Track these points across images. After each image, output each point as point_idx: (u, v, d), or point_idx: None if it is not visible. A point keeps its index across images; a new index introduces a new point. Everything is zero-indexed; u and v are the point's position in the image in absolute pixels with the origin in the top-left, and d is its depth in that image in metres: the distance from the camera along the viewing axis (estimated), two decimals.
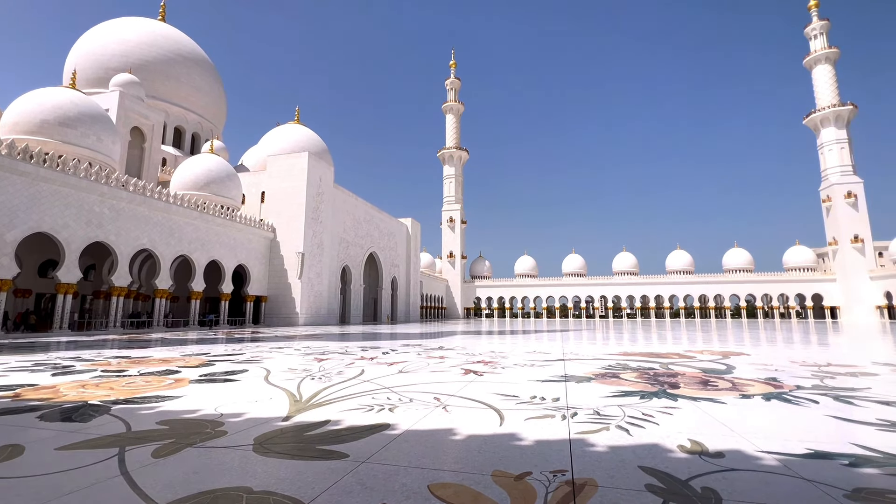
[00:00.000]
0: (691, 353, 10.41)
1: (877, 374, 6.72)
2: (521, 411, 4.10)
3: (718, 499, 2.15)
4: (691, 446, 3.01)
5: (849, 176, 67.47)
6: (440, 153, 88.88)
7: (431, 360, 8.72)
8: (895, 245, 68.11)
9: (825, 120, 69.63)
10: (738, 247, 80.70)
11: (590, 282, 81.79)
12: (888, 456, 2.82)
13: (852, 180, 67.20)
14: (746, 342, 14.38)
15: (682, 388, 5.34)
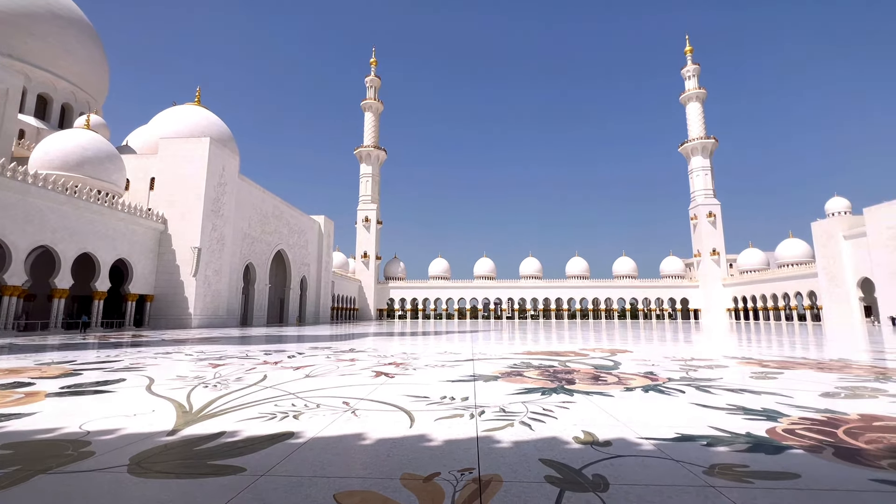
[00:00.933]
0: (585, 351, 11.39)
1: (727, 366, 7.95)
2: (431, 412, 4.13)
3: (606, 484, 2.36)
4: (584, 437, 3.27)
5: (710, 198, 79.55)
6: (357, 151, 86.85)
7: (342, 363, 8.44)
8: (742, 258, 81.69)
9: (694, 149, 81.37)
10: (625, 256, 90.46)
11: (499, 285, 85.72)
12: (734, 435, 3.34)
13: (713, 202, 79.35)
14: (630, 341, 16.13)
15: (578, 384, 5.81)
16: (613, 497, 2.20)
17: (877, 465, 2.68)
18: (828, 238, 57.34)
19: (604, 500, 2.15)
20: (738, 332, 24.26)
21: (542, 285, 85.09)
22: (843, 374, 6.92)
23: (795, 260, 70.02)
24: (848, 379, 6.34)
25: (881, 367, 7.99)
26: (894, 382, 6.03)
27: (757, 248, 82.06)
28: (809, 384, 5.82)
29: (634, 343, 14.65)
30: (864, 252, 52.32)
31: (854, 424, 3.67)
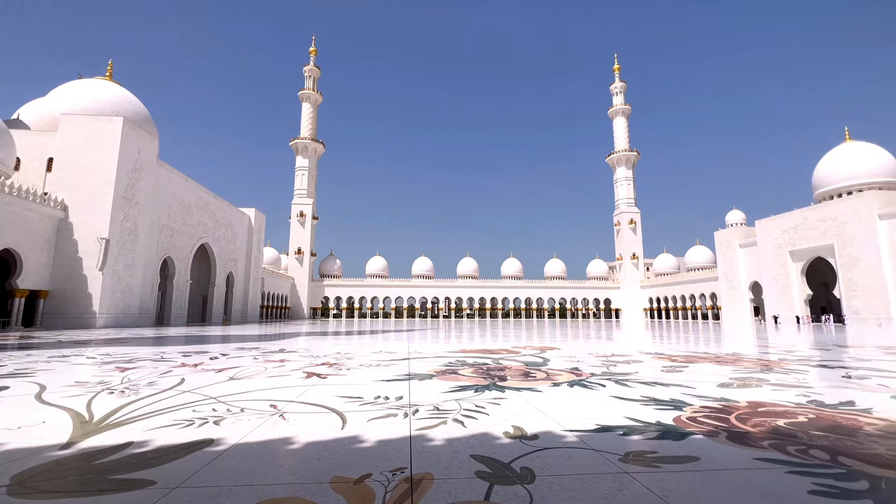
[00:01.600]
0: (518, 349, 11.81)
1: (642, 361, 8.65)
2: (364, 412, 4.06)
3: (533, 476, 2.46)
4: (514, 432, 3.39)
5: (632, 207, 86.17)
6: (293, 143, 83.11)
7: (270, 364, 8.02)
8: (657, 262, 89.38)
9: (619, 160, 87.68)
10: (556, 258, 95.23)
11: (437, 284, 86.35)
12: (647, 424, 3.63)
13: (634, 210, 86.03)
14: (558, 339, 16.99)
15: (509, 381, 6.01)
16: (539, 488, 2.30)
17: (760, 445, 3.06)
18: (727, 246, 64.44)
19: (530, 492, 2.24)
20: (652, 330, 26.46)
21: (479, 285, 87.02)
22: (736, 366, 7.81)
23: (701, 265, 77.92)
24: (740, 370, 7.17)
25: (765, 360, 9.12)
26: (774, 373, 6.91)
27: (670, 254, 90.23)
28: (709, 376, 6.49)
29: (562, 341, 15.45)
30: (755, 259, 59.49)
31: (743, 411, 4.16)
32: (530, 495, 2.20)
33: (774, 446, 3.03)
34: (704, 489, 2.30)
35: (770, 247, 56.30)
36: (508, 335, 19.54)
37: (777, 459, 2.76)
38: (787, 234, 54.27)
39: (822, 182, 54.26)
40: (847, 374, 6.93)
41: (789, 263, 53.89)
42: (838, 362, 8.62)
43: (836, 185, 52.31)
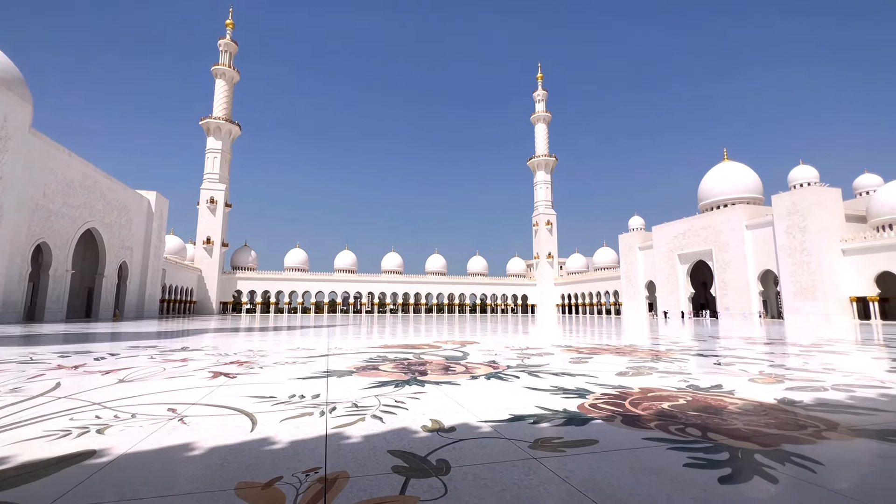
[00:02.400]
0: (439, 343, 11.99)
1: (553, 353, 9.26)
2: (277, 412, 3.85)
3: (448, 467, 2.52)
4: (432, 425, 3.44)
5: (549, 209, 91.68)
6: (205, 122, 75.95)
7: (170, 363, 7.29)
8: (570, 261, 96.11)
9: (539, 165, 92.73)
10: (478, 255, 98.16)
11: (360, 278, 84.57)
12: (554, 412, 3.90)
13: (551, 212, 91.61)
14: (479, 333, 17.56)
15: (430, 375, 6.08)
16: (454, 478, 2.36)
17: (648, 426, 3.43)
18: (628, 249, 71.21)
19: (445, 483, 2.29)
20: (563, 325, 28.41)
21: (403, 280, 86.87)
22: (632, 356, 8.68)
23: (606, 265, 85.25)
24: (635, 360, 7.98)
25: (656, 350, 10.24)
26: (662, 362, 7.79)
27: (581, 254, 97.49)
28: (609, 366, 7.14)
29: (482, 335, 15.99)
30: (651, 260, 66.46)
31: (636, 396, 4.63)
32: (445, 486, 2.25)
33: (659, 427, 3.42)
34: (601, 468, 2.53)
35: (663, 250, 63.30)
36: (431, 330, 19.76)
37: (661, 438, 3.12)
38: (676, 239, 61.38)
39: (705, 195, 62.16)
40: (717, 361, 8.03)
41: (678, 265, 61.04)
42: (711, 351, 9.96)
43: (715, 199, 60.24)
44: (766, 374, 6.36)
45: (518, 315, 72.26)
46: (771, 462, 2.63)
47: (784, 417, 3.74)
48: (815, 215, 44.95)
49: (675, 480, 2.35)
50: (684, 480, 2.35)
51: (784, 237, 47.21)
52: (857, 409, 4.11)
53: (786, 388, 5.13)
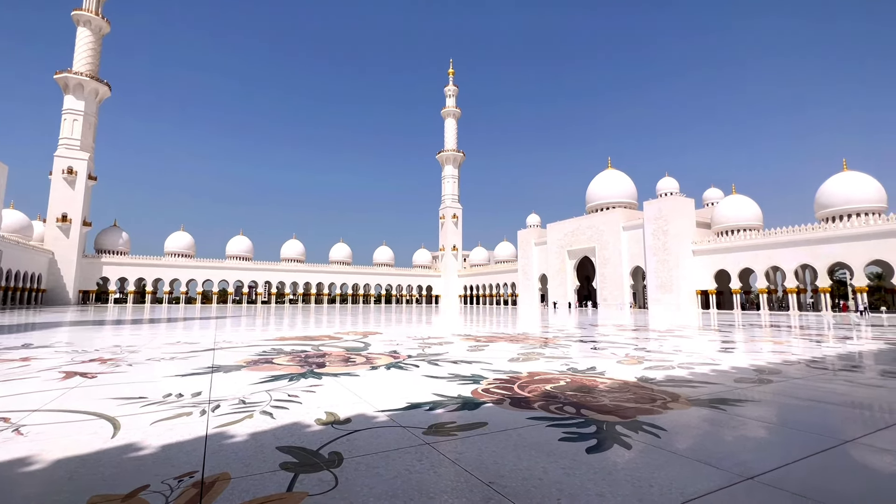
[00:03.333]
0: (340, 334, 11.68)
1: (453, 342, 9.59)
2: (148, 414, 3.43)
3: (341, 459, 2.48)
4: (326, 418, 3.35)
5: (455, 203, 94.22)
6: (62, 76, 63.41)
7: (6, 364, 6.05)
8: (473, 254, 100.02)
9: (447, 159, 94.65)
10: (385, 245, 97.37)
11: (256, 266, 78.50)
12: (450, 398, 4.05)
13: (457, 206, 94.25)
14: (382, 323, 17.46)
15: (328, 367, 5.90)
16: (346, 469, 2.33)
17: (532, 407, 3.74)
18: (525, 244, 76.31)
19: (336, 475, 2.25)
20: (465, 315, 29.54)
21: (305, 269, 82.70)
22: (524, 343, 9.36)
23: (506, 258, 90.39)
24: (526, 347, 8.62)
25: (544, 337, 11.17)
26: (549, 348, 8.54)
27: (483, 248, 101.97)
28: (504, 352, 7.62)
29: (386, 326, 15.94)
30: (545, 255, 72.05)
31: (524, 380, 5.02)
32: (336, 478, 2.21)
33: (542, 407, 3.75)
34: (488, 448, 2.70)
35: (555, 246, 69.07)
36: (333, 321, 19.15)
37: (543, 417, 3.42)
38: (566, 237, 67.40)
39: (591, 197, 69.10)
40: (594, 346, 9.04)
41: (567, 260, 67.12)
42: (590, 338, 11.18)
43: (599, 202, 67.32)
44: (630, 356, 7.33)
45: (423, 305, 73.33)
46: (628, 431, 3.04)
47: (641, 393, 4.35)
48: (675, 221, 52.70)
49: (551, 454, 2.60)
50: (558, 453, 2.62)
51: (651, 238, 54.60)
52: (694, 382, 4.94)
53: (644, 368, 5.97)
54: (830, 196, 46.50)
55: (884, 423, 3.43)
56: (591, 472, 2.33)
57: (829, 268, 42.08)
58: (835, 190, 46.45)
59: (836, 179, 47.03)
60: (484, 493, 2.07)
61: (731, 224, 53.59)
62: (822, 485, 2.20)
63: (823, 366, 6.51)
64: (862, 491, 2.17)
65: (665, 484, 2.18)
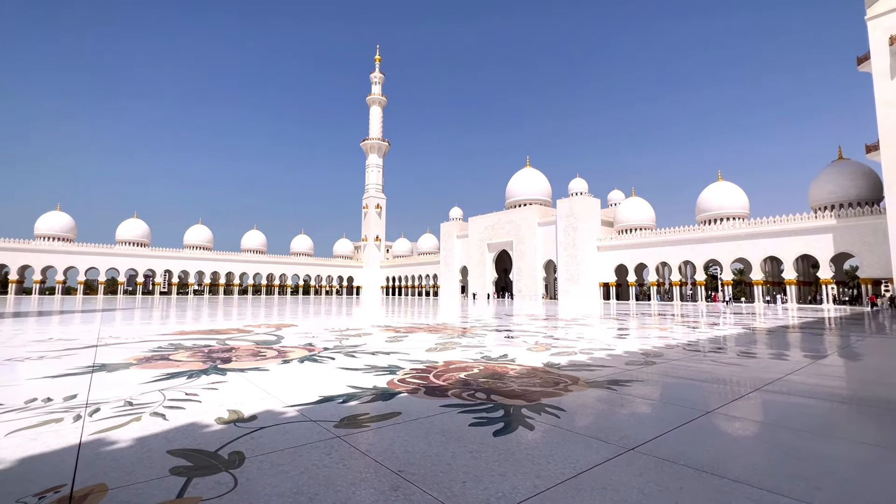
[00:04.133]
0: (251, 327, 10.95)
1: (372, 333, 9.48)
2: (2, 424, 2.92)
3: (242, 458, 2.33)
4: (229, 416, 3.12)
5: (379, 192, 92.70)
6: None
7: None
8: (396, 245, 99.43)
9: (372, 147, 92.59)
10: (304, 234, 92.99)
11: (154, 253, 70.42)
12: (364, 390, 4.01)
13: (381, 196, 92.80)
14: (299, 315, 16.69)
15: (234, 362, 5.50)
16: (247, 469, 2.19)
17: (446, 395, 3.83)
18: (448, 236, 77.64)
19: (236, 476, 2.11)
20: (386, 306, 29.33)
21: (213, 257, 76.02)
22: (442, 333, 9.55)
23: (429, 250, 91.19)
24: (444, 337, 8.80)
25: (462, 327, 11.50)
26: (466, 338, 8.81)
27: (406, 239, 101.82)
28: (422, 343, 7.70)
29: (303, 318, 15.26)
30: (466, 248, 73.95)
31: (440, 369, 5.12)
32: (235, 480, 2.07)
33: (455, 394, 3.86)
34: (399, 438, 2.71)
35: (476, 239, 71.21)
36: (244, 313, 17.89)
37: (455, 404, 3.52)
38: (487, 230, 69.79)
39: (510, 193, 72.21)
40: (508, 335, 9.50)
41: (486, 253, 69.59)
42: (505, 327, 11.73)
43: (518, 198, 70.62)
44: (539, 343, 7.82)
45: (343, 296, 71.40)
46: (532, 414, 3.25)
47: (546, 377, 4.67)
48: (584, 219, 57.13)
49: (461, 439, 2.69)
50: (467, 438, 2.71)
51: (563, 234, 58.64)
52: (592, 366, 5.42)
53: (551, 354, 6.41)
54: (707, 202, 53.59)
55: (736, 395, 4.05)
56: (497, 454, 2.45)
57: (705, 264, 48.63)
58: (710, 197, 53.61)
59: (712, 188, 54.26)
60: (393, 482, 2.08)
61: (630, 223, 59.45)
62: (686, 450, 2.55)
63: (696, 348, 7.52)
64: (715, 451, 2.55)
65: (561, 460, 2.37)
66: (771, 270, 49.17)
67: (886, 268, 34.47)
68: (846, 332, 11.54)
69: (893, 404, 3.86)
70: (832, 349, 7.92)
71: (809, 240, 39.95)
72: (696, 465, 2.33)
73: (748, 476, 2.18)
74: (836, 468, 2.33)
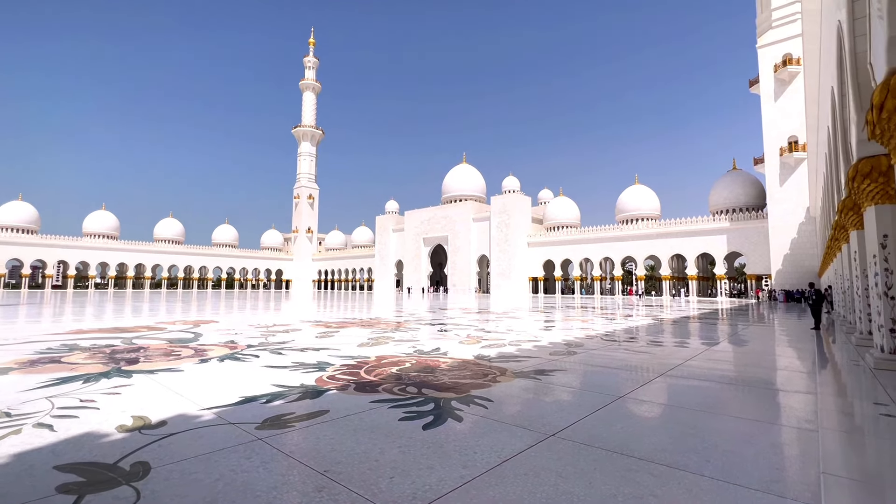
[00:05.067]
0: (164, 324, 10.01)
1: (301, 329, 9.10)
2: None
3: (148, 469, 2.12)
4: (133, 423, 2.82)
5: (312, 182, 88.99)
6: None
7: None
8: (330, 237, 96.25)
9: (305, 135, 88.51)
10: (228, 224, 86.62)
11: (45, 241, 61.59)
12: (291, 388, 3.83)
13: (314, 186, 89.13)
14: (221, 310, 15.55)
15: (143, 363, 4.99)
16: (153, 480, 2.00)
17: (377, 390, 3.79)
18: (383, 230, 76.65)
19: (138, 489, 1.91)
20: (318, 300, 28.31)
21: (119, 247, 68.27)
22: (376, 328, 9.42)
23: (364, 244, 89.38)
24: (377, 331, 8.68)
25: (396, 322, 11.42)
26: (399, 332, 8.77)
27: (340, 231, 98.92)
28: (354, 338, 7.54)
29: (226, 313, 14.26)
30: (402, 242, 73.52)
31: (371, 364, 5.05)
32: (138, 493, 1.88)
33: (386, 389, 3.83)
34: (326, 436, 2.63)
35: (412, 233, 71.04)
36: (157, 309, 16.31)
37: (385, 399, 3.49)
38: (423, 225, 69.91)
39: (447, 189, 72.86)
40: (441, 328, 9.61)
41: (422, 247, 69.74)
42: (438, 321, 11.85)
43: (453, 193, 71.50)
44: (471, 336, 8.01)
45: (271, 291, 67.71)
46: (461, 406, 3.32)
47: (477, 369, 4.79)
48: (515, 216, 59.31)
49: (390, 434, 2.67)
50: (397, 433, 2.70)
51: (496, 230, 60.45)
52: (520, 357, 5.66)
53: (481, 347, 6.59)
54: (625, 203, 58.11)
55: (644, 381, 4.45)
56: (425, 447, 2.47)
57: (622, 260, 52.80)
58: (628, 199, 58.19)
59: (630, 191, 58.90)
60: (317, 483, 2.01)
61: (558, 221, 62.77)
62: (601, 433, 2.75)
63: (613, 338, 8.14)
64: (625, 433, 2.78)
65: (487, 449, 2.45)
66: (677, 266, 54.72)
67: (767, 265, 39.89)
68: (734, 322, 13.16)
69: (768, 384, 4.47)
70: (723, 337, 8.99)
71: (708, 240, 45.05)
72: (609, 446, 2.52)
73: (652, 454, 2.41)
74: (721, 442, 2.64)
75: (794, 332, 10.05)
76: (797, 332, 10.00)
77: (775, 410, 3.52)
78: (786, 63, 36.12)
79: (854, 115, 5.30)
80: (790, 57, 35.90)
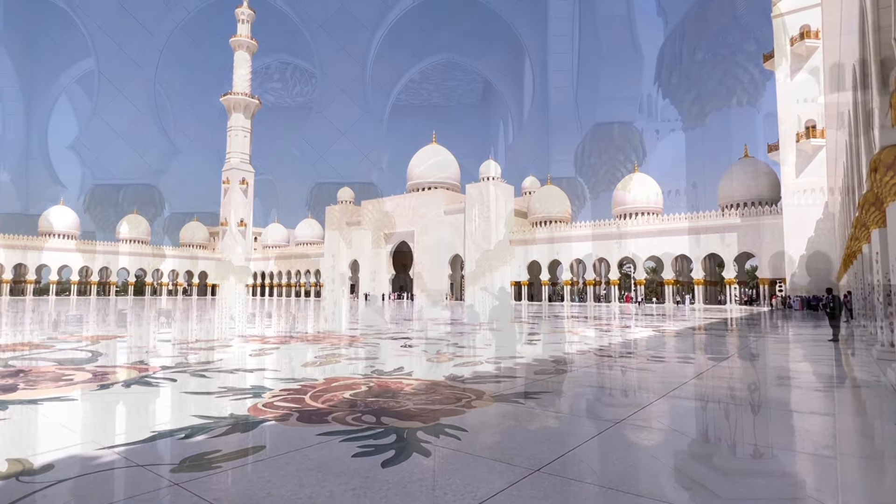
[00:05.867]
0: (52, 340, 9.52)
1: (231, 346, 8.88)
2: None
3: None
4: (8, 469, 2.66)
5: (246, 164, 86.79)
6: None
7: None
8: (268, 232, 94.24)
9: (236, 105, 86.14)
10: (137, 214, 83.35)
11: None
12: (217, 419, 3.72)
13: (248, 168, 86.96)
14: (128, 323, 14.95)
15: (22, 391, 4.72)
16: None
17: (325, 420, 3.73)
18: (336, 223, 75.80)
19: None
20: (253, 309, 27.70)
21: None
22: (325, 343, 9.30)
23: (311, 240, 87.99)
24: (327, 348, 8.58)
25: (350, 336, 11.34)
26: (354, 348, 8.70)
27: (281, 225, 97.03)
28: (299, 356, 7.42)
29: (134, 326, 13.72)
30: (358, 238, 72.95)
31: (319, 388, 4.97)
32: None
33: (336, 419, 3.78)
34: (263, 478, 2.57)
35: (371, 227, 70.63)
36: (42, 321, 15.49)
37: (336, 431, 3.45)
38: (384, 218, 69.62)
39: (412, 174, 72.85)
40: (405, 343, 9.60)
41: (383, 245, 69.44)
42: (402, 334, 11.83)
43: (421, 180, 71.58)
44: (442, 352, 8.03)
45: (193, 297, 65.68)
46: (429, 437, 3.31)
47: (448, 392, 4.81)
48: (496, 208, 59.96)
49: (341, 474, 2.64)
50: (350, 472, 2.67)
51: (472, 225, 60.90)
52: (499, 377, 5.73)
53: (454, 365, 6.62)
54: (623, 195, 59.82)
55: (643, 403, 4.60)
56: (385, 488, 2.45)
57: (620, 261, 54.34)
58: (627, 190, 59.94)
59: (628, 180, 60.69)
60: None
61: (545, 215, 63.87)
62: (593, 466, 2.82)
63: (608, 353, 8.36)
64: (621, 465, 2.85)
65: (459, 488, 2.45)
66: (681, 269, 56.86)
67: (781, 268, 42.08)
68: (744, 335, 13.80)
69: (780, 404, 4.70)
70: (733, 350, 9.40)
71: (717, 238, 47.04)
72: (603, 481, 2.58)
73: (651, 489, 2.48)
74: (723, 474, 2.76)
75: (810, 346, 10.63)
76: (812, 346, 10.58)
77: (789, 435, 3.71)
78: (803, 36, 37.91)
79: (877, 98, 5.65)
80: (808, 29, 37.68)
